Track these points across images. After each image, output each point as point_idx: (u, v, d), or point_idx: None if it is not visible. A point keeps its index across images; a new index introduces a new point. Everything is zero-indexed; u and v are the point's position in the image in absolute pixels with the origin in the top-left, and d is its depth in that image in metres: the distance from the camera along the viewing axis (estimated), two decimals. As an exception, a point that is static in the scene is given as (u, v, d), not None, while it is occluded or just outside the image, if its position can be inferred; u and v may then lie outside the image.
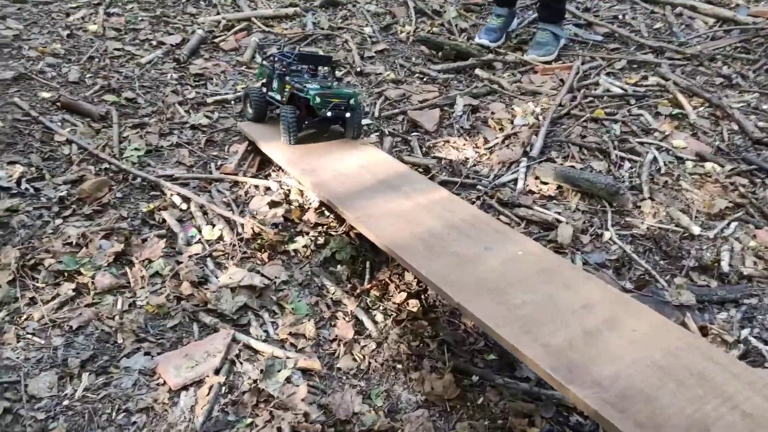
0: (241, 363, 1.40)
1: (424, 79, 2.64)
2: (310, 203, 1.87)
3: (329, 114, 1.89)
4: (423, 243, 1.43)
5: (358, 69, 2.64)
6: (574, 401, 0.98)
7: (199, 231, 1.74)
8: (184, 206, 1.81)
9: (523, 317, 1.15)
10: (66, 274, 1.51)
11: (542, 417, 1.37)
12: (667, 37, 2.96)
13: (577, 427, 1.37)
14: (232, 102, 2.36)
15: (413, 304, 1.61)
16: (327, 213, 1.85)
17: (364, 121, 2.25)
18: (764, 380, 1.04)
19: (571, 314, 1.17)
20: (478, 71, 2.66)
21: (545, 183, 2.06)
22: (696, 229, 1.87)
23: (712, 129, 2.34)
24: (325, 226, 1.81)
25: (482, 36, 2.88)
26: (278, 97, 2.03)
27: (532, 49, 2.76)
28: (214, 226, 1.75)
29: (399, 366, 1.46)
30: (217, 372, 1.36)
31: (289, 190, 1.91)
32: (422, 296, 1.65)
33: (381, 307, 1.61)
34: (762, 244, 1.86)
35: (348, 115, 1.94)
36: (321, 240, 1.77)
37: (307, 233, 1.78)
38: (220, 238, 1.73)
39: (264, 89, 2.11)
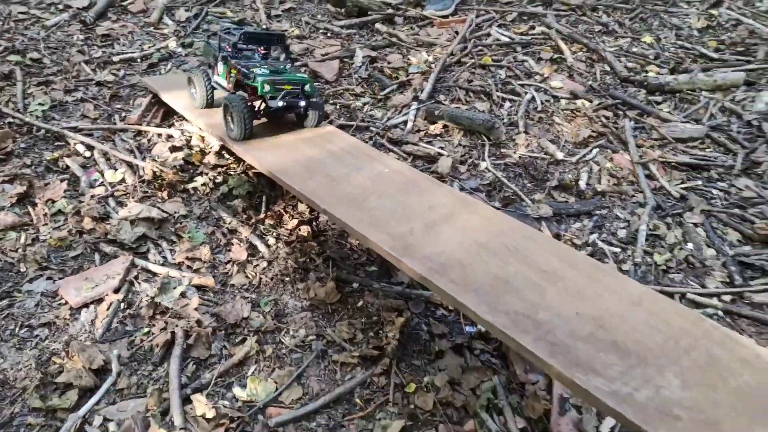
0: (139, 283, 1.54)
1: (328, 35, 2.78)
2: (211, 148, 2.01)
3: (281, 104, 1.64)
4: (302, 167, 1.59)
5: (264, 27, 2.75)
6: (406, 271, 1.18)
7: (102, 175, 1.85)
8: (87, 154, 1.92)
9: (376, 216, 1.34)
10: (-31, 214, 1.61)
11: (411, 312, 1.57)
12: (556, -10, 3.19)
13: (441, 318, 1.58)
14: (139, 60, 2.45)
15: (304, 230, 1.78)
16: (227, 156, 1.99)
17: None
18: (572, 253, 1.26)
19: (417, 213, 1.36)
20: (378, 26, 2.82)
21: (432, 123, 2.25)
22: (560, 155, 2.10)
23: (587, 71, 2.58)
24: (225, 167, 1.96)
25: (384, -6, 3.03)
26: (224, 82, 1.78)
27: (430, 4, 2.94)
28: (116, 170, 1.87)
29: (287, 279, 1.63)
30: (116, 291, 1.50)
31: (190, 137, 2.04)
32: (313, 223, 1.82)
33: (274, 233, 1.77)
34: (617, 166, 2.11)
35: (302, 104, 1.70)
36: (220, 179, 1.91)
37: (207, 174, 1.92)
38: (122, 180, 1.85)
39: (209, 71, 1.89)
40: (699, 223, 1.88)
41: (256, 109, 1.70)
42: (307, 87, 1.69)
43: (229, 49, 1.72)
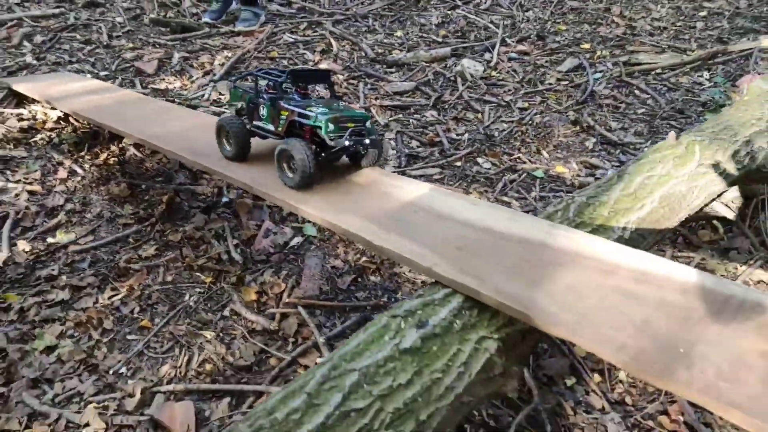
0: (-14, 192, 2.29)
1: (156, 46, 3.63)
2: (51, 118, 2.78)
3: (347, 143, 1.47)
4: (115, 115, 2.37)
5: (105, 44, 3.58)
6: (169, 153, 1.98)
7: (-36, 138, 2.59)
8: (-47, 126, 2.66)
9: (167, 137, 2.14)
10: None
11: (179, 196, 2.38)
12: (340, 5, 4.20)
13: (202, 200, 2.40)
14: (0, 70, 3.20)
15: (114, 161, 2.57)
16: (63, 123, 2.76)
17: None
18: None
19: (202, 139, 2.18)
20: (198, 39, 3.70)
21: (222, 94, 3.12)
22: (308, 106, 3.01)
23: (348, 56, 3.54)
24: (60, 129, 2.73)
25: (206, 16, 3.94)
26: (270, 126, 1.64)
27: (238, 22, 3.86)
28: (-26, 134, 2.61)
29: (93, 185, 2.41)
30: (-33, 197, 2.24)
31: (35, 113, 2.81)
32: (121, 157, 2.61)
33: (90, 163, 2.55)
34: (349, 110, 3.02)
35: (367, 141, 1.53)
36: (54, 136, 2.69)
37: (45, 133, 2.69)
38: (-20, 141, 2.59)
39: (242, 118, 1.73)
40: (393, 138, 2.81)
41: (318, 153, 1.53)
42: (368, 123, 1.54)
43: (273, 92, 1.62)
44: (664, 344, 0.92)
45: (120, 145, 2.64)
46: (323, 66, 3.40)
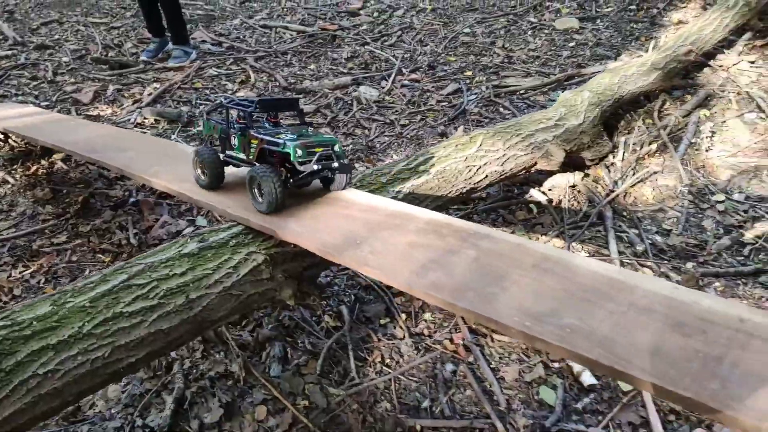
0: (-73, 196, 2.71)
1: (95, 81, 4.12)
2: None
3: (316, 167, 1.54)
4: (36, 128, 2.84)
5: (50, 79, 4.06)
6: (74, 152, 2.44)
7: None
8: None
9: (69, 142, 2.61)
10: None
11: (95, 197, 2.82)
12: (264, 44, 4.75)
13: (115, 201, 2.84)
14: (-48, 101, 3.67)
15: (42, 172, 3.02)
16: (1, 143, 3.21)
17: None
18: (156, 140, 2.57)
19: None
20: (133, 74, 4.21)
21: (147, 118, 3.60)
22: (219, 126, 3.50)
23: (264, 86, 4.06)
24: (11, 148, 3.18)
25: (144, 55, 4.46)
26: (242, 155, 1.70)
27: (170, 60, 4.38)
28: None
29: (22, 191, 2.84)
30: None
31: (-22, 135, 3.25)
32: (49, 169, 3.06)
33: (20, 174, 2.99)
34: (255, 129, 3.52)
35: (335, 165, 1.59)
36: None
37: (-15, 151, 3.14)
38: (-74, 157, 3.03)
39: (215, 148, 1.79)
40: (288, 150, 3.29)
41: (284, 177, 1.61)
42: (336, 147, 1.59)
43: (243, 121, 1.67)
44: (350, 240, 1.38)
45: (49, 160, 3.09)
46: (240, 93, 3.91)
